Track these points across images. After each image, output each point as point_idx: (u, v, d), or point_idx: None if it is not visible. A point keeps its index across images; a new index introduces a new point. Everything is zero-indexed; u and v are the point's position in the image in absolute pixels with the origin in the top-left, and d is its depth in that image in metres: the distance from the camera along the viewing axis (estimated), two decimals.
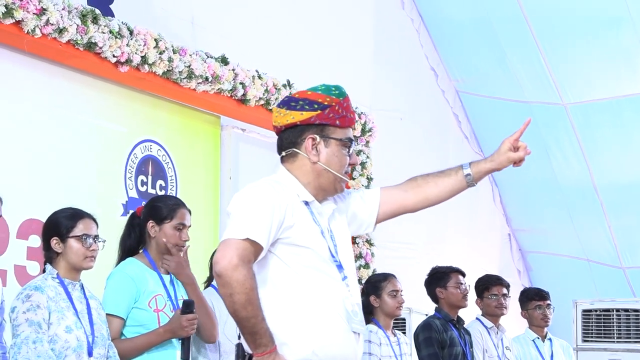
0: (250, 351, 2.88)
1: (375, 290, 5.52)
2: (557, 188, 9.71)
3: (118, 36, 5.39)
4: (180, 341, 4.03)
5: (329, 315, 2.94)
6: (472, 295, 6.25)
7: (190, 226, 4.23)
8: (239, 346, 2.94)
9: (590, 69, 8.93)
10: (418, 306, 6.69)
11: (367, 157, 7.58)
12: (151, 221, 4.16)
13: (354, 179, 7.35)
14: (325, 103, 3.02)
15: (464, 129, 10.00)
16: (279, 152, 3.12)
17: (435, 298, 5.86)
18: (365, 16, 8.73)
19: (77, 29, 5.16)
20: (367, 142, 7.60)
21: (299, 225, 2.96)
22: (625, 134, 9.11)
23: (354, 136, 3.16)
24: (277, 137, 3.15)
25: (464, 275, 5.87)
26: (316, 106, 3.02)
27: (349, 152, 3.07)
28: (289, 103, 3.07)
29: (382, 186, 3.29)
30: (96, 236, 3.89)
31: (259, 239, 2.85)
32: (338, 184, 3.08)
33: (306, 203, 3.03)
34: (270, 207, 2.89)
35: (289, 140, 3.07)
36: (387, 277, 5.58)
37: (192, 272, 4.19)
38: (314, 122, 3.02)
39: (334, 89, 3.07)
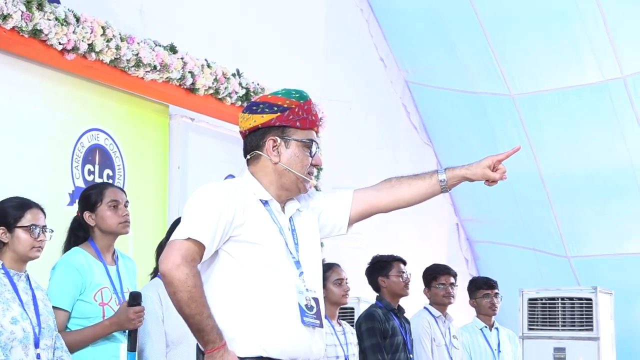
0: (202, 348, 2.93)
1: None
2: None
3: (64, 23, 5.31)
4: (124, 333, 4.01)
5: (278, 310, 2.98)
6: (419, 285, 6.29)
7: (127, 202, 4.20)
8: (198, 345, 2.98)
9: (537, 61, 9.03)
10: (367, 296, 6.71)
11: (317, 146, 7.58)
12: (86, 212, 4.15)
13: None
14: (285, 105, 3.10)
15: (412, 120, 10.05)
16: (245, 156, 3.20)
17: (376, 287, 5.87)
18: (315, 5, 8.73)
19: (21, 16, 5.06)
20: (317, 131, 7.59)
21: (251, 223, 3.02)
22: (571, 125, 9.23)
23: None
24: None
25: (405, 263, 5.90)
26: (276, 109, 3.10)
27: (310, 153, 3.15)
28: (251, 107, 3.15)
29: (356, 188, 3.34)
30: (44, 226, 3.86)
31: (202, 239, 2.92)
32: (301, 184, 3.14)
33: (265, 202, 3.10)
34: (217, 207, 2.96)
35: (252, 144, 3.15)
36: (331, 266, 5.59)
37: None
38: (274, 125, 3.10)
39: (294, 92, 3.15)
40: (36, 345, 3.71)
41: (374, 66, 9.65)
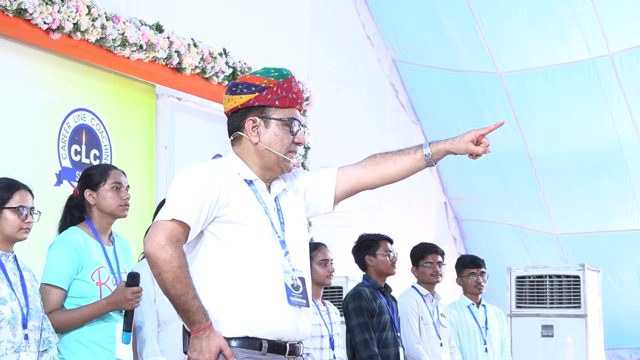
0: (188, 329, 2.92)
1: None
2: (492, 157, 9.81)
3: (49, 2, 5.27)
4: (120, 313, 4.01)
5: (264, 290, 2.98)
6: (407, 264, 6.30)
7: (128, 186, 4.20)
8: (184, 326, 2.98)
9: (524, 39, 9.03)
10: (355, 275, 6.73)
11: (304, 126, 7.56)
12: (87, 190, 4.13)
13: None
14: (263, 85, 3.08)
15: (400, 98, 10.04)
16: (229, 137, 3.19)
17: (363, 266, 5.87)
18: None
19: None
20: (304, 111, 7.59)
21: (236, 203, 3.01)
22: (558, 103, 9.24)
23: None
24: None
25: (392, 242, 5.89)
26: (254, 88, 3.09)
27: (292, 131, 3.12)
28: (232, 88, 3.15)
29: (341, 166, 3.33)
30: (32, 208, 3.85)
31: (186, 219, 2.91)
32: (282, 163, 3.13)
33: (249, 182, 3.09)
34: (201, 187, 2.96)
35: (234, 125, 3.15)
36: (317, 246, 5.58)
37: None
38: (253, 105, 3.09)
39: (273, 71, 3.13)
40: (24, 326, 3.71)
41: (361, 45, 9.62)
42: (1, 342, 3.63)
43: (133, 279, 3.96)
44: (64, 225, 4.16)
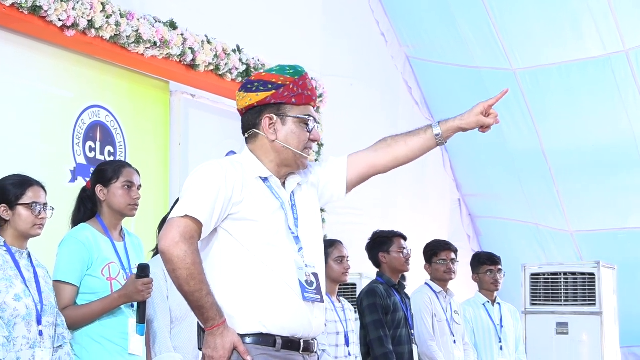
0: (202, 326, 2.93)
1: None
2: (506, 153, 9.80)
3: None
4: (132, 307, 4.01)
5: (277, 286, 2.98)
6: (420, 261, 6.29)
7: (140, 186, 4.20)
8: (199, 322, 2.99)
9: (539, 35, 9.00)
10: (369, 272, 6.72)
11: (318, 122, 7.55)
12: (99, 185, 4.13)
13: None
14: (279, 82, 3.09)
15: (414, 95, 10.03)
16: (243, 134, 3.20)
17: (377, 263, 5.86)
18: None
19: None
20: (318, 107, 7.58)
21: (250, 200, 3.02)
22: (574, 99, 9.20)
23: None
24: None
25: (405, 239, 5.88)
26: (270, 86, 3.09)
27: (308, 128, 3.13)
28: (247, 86, 3.15)
29: (350, 153, 3.32)
30: (45, 204, 3.86)
31: (199, 216, 2.92)
32: (299, 160, 3.14)
33: (264, 179, 3.10)
34: (215, 184, 2.97)
35: (249, 122, 3.15)
36: (333, 243, 5.57)
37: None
38: (269, 102, 3.09)
39: (288, 68, 3.14)
40: (39, 322, 3.72)
41: (375, 41, 9.61)
42: (16, 338, 3.65)
43: (143, 271, 3.97)
44: (77, 216, 4.17)
